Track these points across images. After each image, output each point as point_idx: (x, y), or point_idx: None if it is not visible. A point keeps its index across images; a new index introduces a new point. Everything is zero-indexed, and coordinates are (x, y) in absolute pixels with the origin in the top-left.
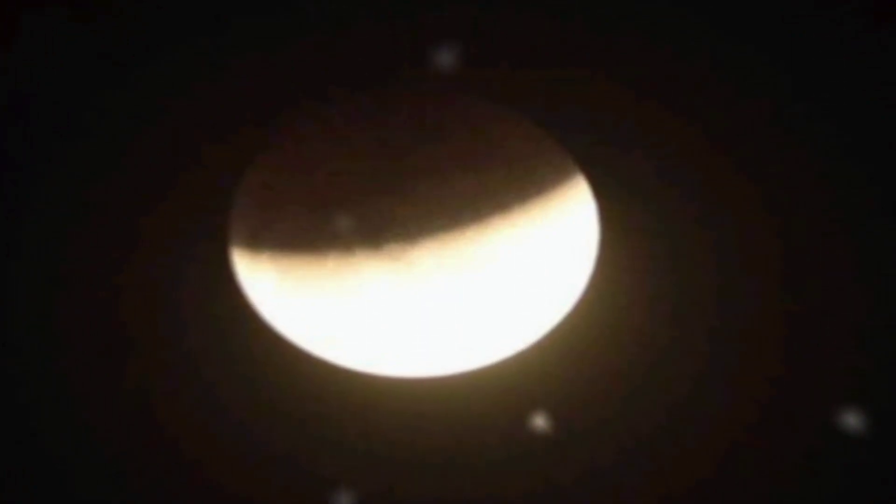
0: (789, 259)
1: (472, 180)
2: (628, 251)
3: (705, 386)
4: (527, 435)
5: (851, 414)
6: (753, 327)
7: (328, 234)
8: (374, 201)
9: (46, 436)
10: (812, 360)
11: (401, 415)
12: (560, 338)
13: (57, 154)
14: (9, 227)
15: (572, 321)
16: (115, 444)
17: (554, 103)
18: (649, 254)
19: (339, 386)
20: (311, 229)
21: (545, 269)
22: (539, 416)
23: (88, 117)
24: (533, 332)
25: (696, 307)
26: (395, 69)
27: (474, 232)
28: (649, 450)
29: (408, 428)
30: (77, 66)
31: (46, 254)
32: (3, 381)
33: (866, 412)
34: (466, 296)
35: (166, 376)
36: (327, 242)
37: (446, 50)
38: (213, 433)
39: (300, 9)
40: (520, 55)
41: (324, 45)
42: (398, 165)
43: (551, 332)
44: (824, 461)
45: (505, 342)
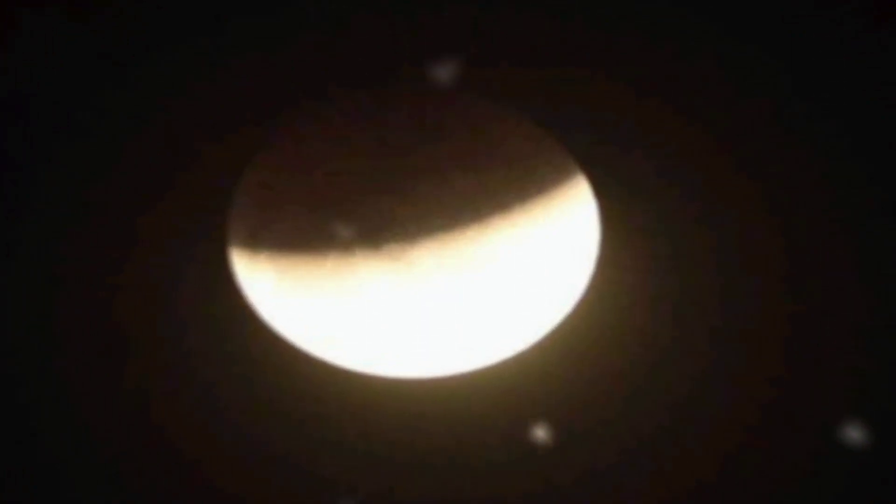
0: (790, 259)
1: (472, 180)
2: (629, 251)
3: (707, 386)
4: (527, 436)
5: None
6: (755, 327)
7: (327, 233)
8: (374, 201)
9: (46, 436)
10: (813, 361)
11: (400, 415)
12: (561, 338)
13: (56, 154)
14: (8, 227)
15: (573, 321)
16: (114, 445)
17: (554, 103)
18: (650, 254)
19: (339, 386)
20: (311, 229)
21: (546, 270)
22: (539, 427)
23: (88, 117)
24: (533, 332)
25: (697, 307)
26: (395, 69)
27: (474, 232)
28: (650, 450)
29: (407, 429)
30: (76, 66)
31: (45, 253)
32: (3, 381)
33: (868, 412)
34: (466, 296)
35: (165, 376)
36: (326, 242)
37: (444, 63)
38: (211, 433)
39: (299, 8)
40: (520, 55)
41: (323, 45)
42: (398, 165)
43: (552, 332)
44: (826, 461)
45: (505, 343)
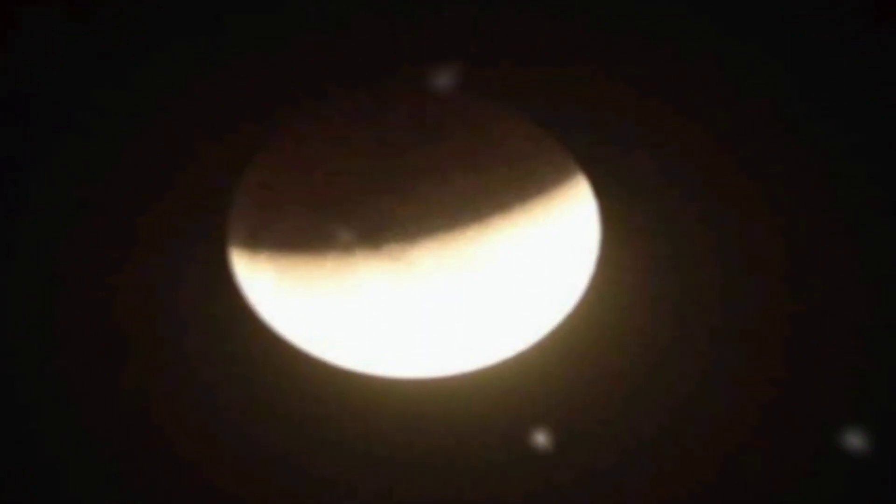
0: (791, 259)
1: (472, 180)
2: (629, 251)
3: (707, 386)
4: (527, 437)
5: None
6: (755, 327)
7: (327, 233)
8: (374, 201)
9: (45, 436)
10: (814, 361)
11: (400, 416)
12: (561, 338)
13: (56, 154)
14: (7, 227)
15: (573, 321)
16: (114, 445)
17: (554, 103)
18: (650, 254)
19: (339, 386)
20: (311, 229)
21: (546, 270)
22: (539, 432)
23: (87, 117)
24: (533, 332)
25: (697, 307)
26: (395, 69)
27: (474, 232)
28: (651, 451)
29: (407, 429)
30: (76, 66)
31: (45, 253)
32: (3, 381)
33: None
34: (466, 296)
35: (165, 376)
36: (326, 242)
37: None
38: (211, 433)
39: (299, 8)
40: (520, 54)
41: (323, 45)
42: (398, 165)
43: (552, 332)
44: (826, 462)
45: (505, 343)
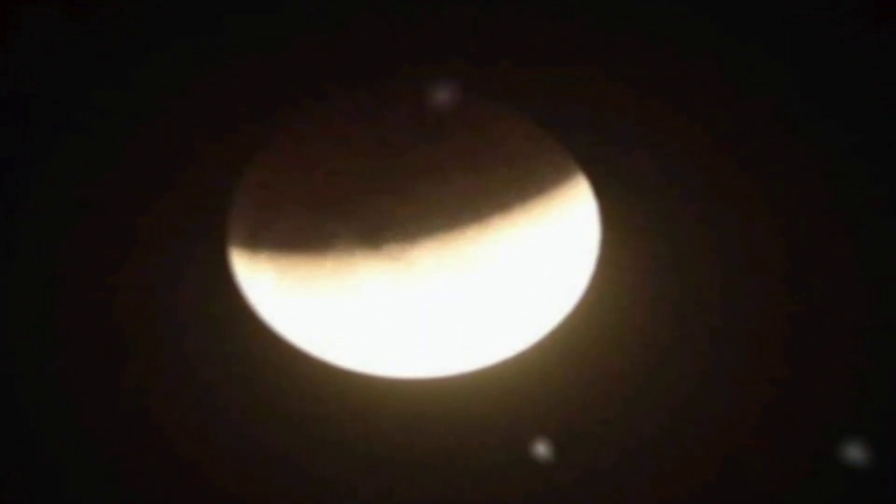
0: (792, 259)
1: (472, 180)
2: (629, 251)
3: (708, 386)
4: (527, 437)
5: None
6: (756, 327)
7: (327, 233)
8: (374, 201)
9: (45, 436)
10: (814, 361)
11: (400, 416)
12: (561, 338)
13: (55, 153)
14: (7, 227)
15: (573, 322)
16: (114, 445)
17: (554, 103)
18: (651, 254)
19: (339, 387)
20: (310, 229)
21: (546, 270)
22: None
23: (87, 117)
24: (534, 332)
25: (698, 307)
26: (395, 69)
27: (474, 232)
28: (651, 451)
29: (407, 429)
30: (76, 66)
31: (44, 253)
32: (3, 381)
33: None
34: (466, 296)
35: (164, 377)
36: (326, 242)
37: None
38: (211, 434)
39: (299, 8)
40: (520, 54)
41: (323, 45)
42: (398, 165)
43: (552, 332)
44: (826, 461)
45: (505, 343)
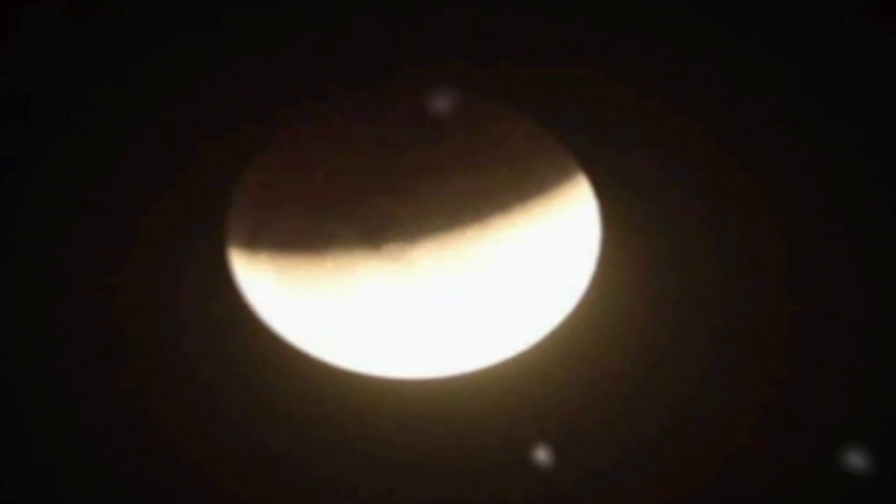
0: (792, 259)
1: (472, 180)
2: (630, 251)
3: (708, 387)
4: (527, 437)
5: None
6: (756, 327)
7: (327, 233)
8: (374, 201)
9: (44, 436)
10: (814, 361)
11: (400, 416)
12: (561, 338)
13: (55, 153)
14: (7, 227)
15: (574, 322)
16: (113, 445)
17: (555, 102)
18: (651, 253)
19: (338, 387)
20: (310, 229)
21: (546, 270)
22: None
23: (87, 117)
24: (534, 332)
25: (698, 307)
26: (395, 69)
27: (474, 232)
28: (651, 451)
29: (407, 430)
30: (76, 66)
31: (44, 253)
32: (2, 381)
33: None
34: (466, 296)
35: (164, 377)
36: (326, 242)
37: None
38: (210, 434)
39: (299, 8)
40: (520, 54)
41: (323, 45)
42: (398, 165)
43: (552, 332)
44: (826, 461)
45: (506, 343)
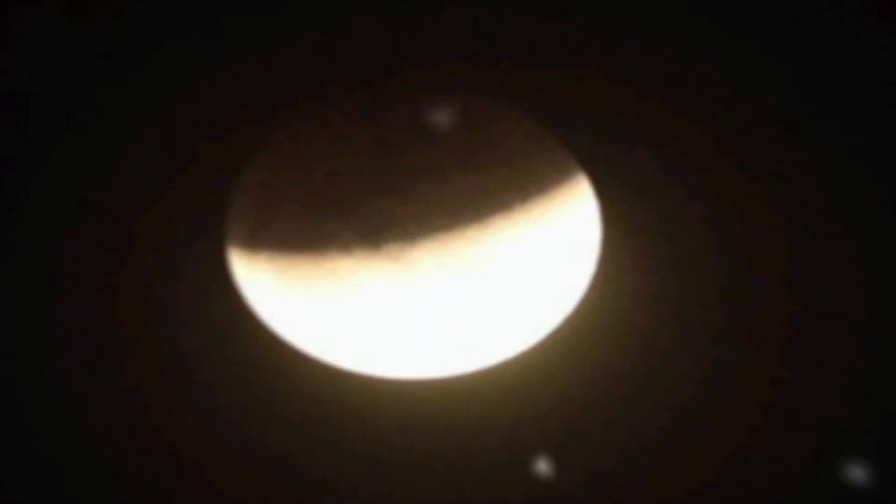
0: (794, 259)
1: (472, 180)
2: (630, 251)
3: (709, 387)
4: (528, 438)
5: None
6: (757, 328)
7: (327, 233)
8: (374, 201)
9: (43, 436)
10: (815, 361)
11: (400, 417)
12: (562, 339)
13: (54, 153)
14: (7, 227)
15: (574, 322)
16: (112, 445)
17: (555, 102)
18: (652, 253)
19: (338, 387)
20: (310, 229)
21: (547, 270)
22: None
23: (87, 117)
24: (534, 332)
25: (699, 307)
26: (395, 69)
27: (474, 232)
28: (652, 452)
29: (407, 430)
30: (76, 66)
31: (43, 253)
32: (2, 381)
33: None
34: (467, 296)
35: (163, 377)
36: (326, 242)
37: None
38: (209, 434)
39: (299, 8)
40: (521, 54)
41: (323, 45)
42: (398, 165)
43: (553, 332)
44: (827, 462)
45: (506, 343)
